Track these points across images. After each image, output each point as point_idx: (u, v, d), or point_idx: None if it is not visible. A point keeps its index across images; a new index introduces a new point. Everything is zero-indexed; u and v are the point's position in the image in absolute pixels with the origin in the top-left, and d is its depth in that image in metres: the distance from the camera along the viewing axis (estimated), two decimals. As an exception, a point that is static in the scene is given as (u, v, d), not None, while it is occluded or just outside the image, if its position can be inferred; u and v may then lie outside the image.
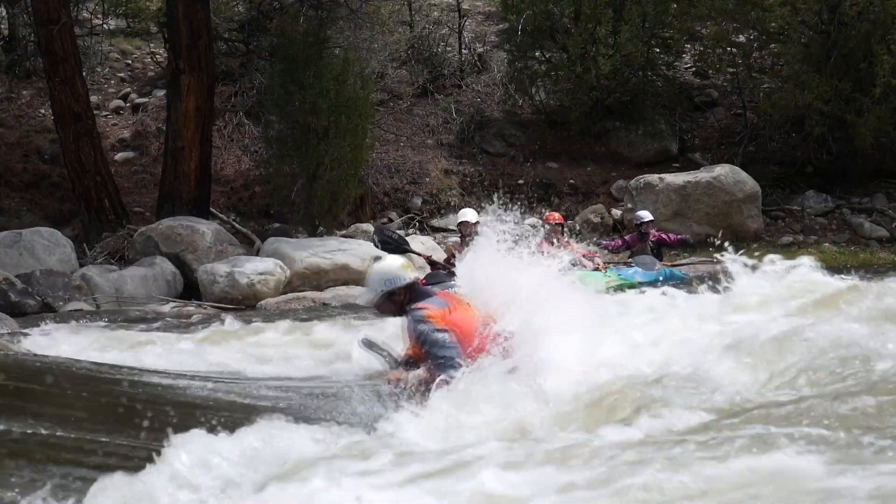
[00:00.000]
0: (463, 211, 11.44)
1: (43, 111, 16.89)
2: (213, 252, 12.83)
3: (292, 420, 4.16)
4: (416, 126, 18.77)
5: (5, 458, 3.55)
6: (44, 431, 3.91)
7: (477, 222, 10.96)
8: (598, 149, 18.57)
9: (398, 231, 15.99)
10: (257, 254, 13.45)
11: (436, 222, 16.67)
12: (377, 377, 5.71)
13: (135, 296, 11.74)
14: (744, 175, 15.98)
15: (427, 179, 17.23)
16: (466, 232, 10.89)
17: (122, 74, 19.28)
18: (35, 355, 6.78)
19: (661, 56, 19.03)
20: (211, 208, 14.78)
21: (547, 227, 11.19)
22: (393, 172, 17.01)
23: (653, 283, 9.95)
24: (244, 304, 11.85)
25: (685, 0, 18.05)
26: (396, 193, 16.99)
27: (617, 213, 16.62)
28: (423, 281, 9.74)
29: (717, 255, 6.88)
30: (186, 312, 11.27)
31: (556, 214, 12.03)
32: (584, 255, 11.44)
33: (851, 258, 14.95)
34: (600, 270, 11.35)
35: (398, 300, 5.36)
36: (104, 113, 17.82)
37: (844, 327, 4.50)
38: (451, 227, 16.46)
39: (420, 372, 4.97)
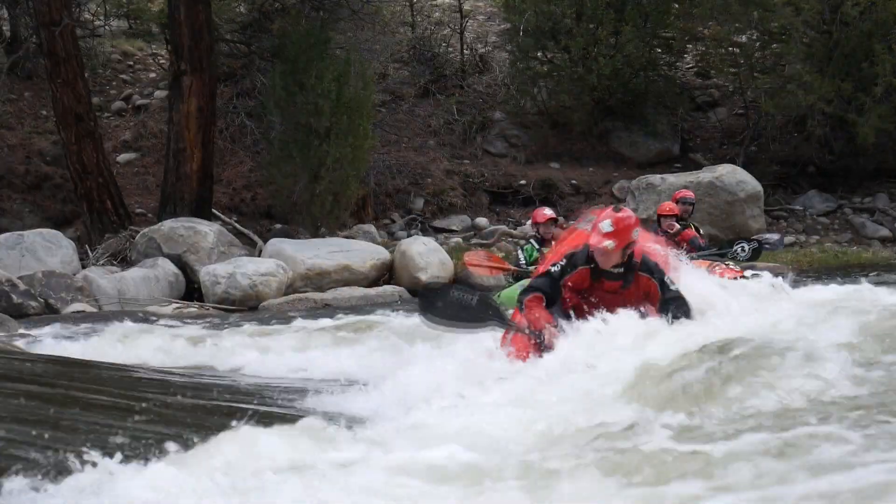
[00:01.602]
0: (543, 210, 10.15)
1: (45, 112, 16.90)
2: (215, 253, 12.84)
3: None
4: (417, 127, 18.77)
5: None
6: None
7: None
8: (599, 149, 18.57)
9: (402, 230, 16.02)
10: (259, 255, 13.46)
11: (438, 223, 16.67)
12: None
13: (137, 297, 11.75)
14: (746, 175, 15.96)
15: (429, 180, 17.23)
16: (549, 234, 9.84)
17: (124, 76, 19.30)
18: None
19: (663, 56, 19.04)
20: (213, 209, 14.79)
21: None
22: (395, 173, 17.01)
23: None
24: (246, 305, 11.86)
25: (687, 0, 18.07)
26: (398, 194, 16.99)
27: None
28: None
29: None
30: (188, 313, 11.28)
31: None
32: None
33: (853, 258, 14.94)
34: None
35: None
36: (106, 114, 17.83)
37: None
38: (454, 228, 16.47)
39: None
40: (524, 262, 9.03)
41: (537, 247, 9.16)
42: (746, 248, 9.76)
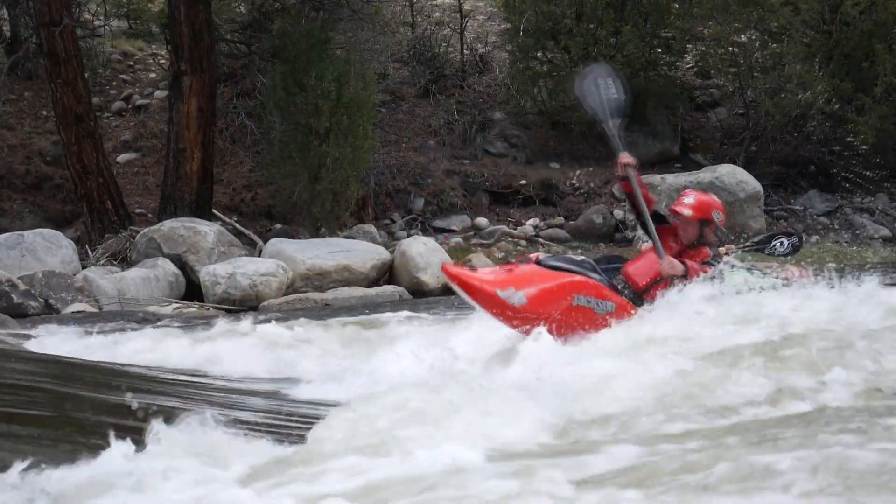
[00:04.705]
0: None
1: (45, 112, 16.90)
2: (216, 253, 12.83)
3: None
4: (417, 127, 18.77)
5: None
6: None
7: None
8: (600, 149, 18.52)
9: (403, 231, 16.03)
10: (259, 255, 13.46)
11: (438, 223, 16.67)
12: None
13: (137, 297, 11.74)
14: (746, 175, 15.97)
15: (429, 180, 17.23)
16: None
17: (124, 76, 19.30)
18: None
19: (663, 56, 19.03)
20: (213, 209, 14.79)
21: None
22: (395, 173, 17.01)
23: None
24: (246, 305, 11.86)
25: (687, 0, 18.08)
26: (398, 194, 16.99)
27: (619, 213, 16.62)
28: None
29: None
30: (188, 313, 11.27)
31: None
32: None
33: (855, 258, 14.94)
34: None
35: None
36: (106, 114, 17.83)
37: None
38: (454, 228, 16.46)
39: None
40: None
41: None
42: (786, 242, 9.36)
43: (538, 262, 5.86)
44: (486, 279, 5.60)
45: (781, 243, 9.50)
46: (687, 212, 6.10)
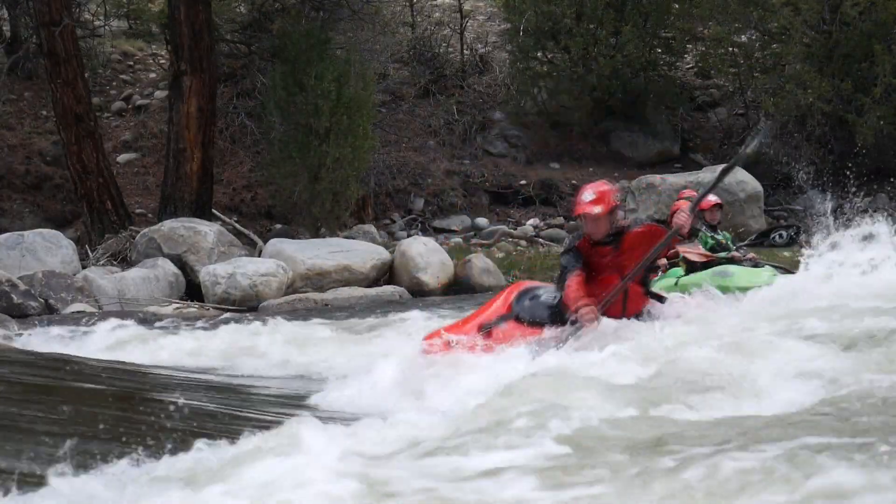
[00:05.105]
0: (708, 196, 9.85)
1: (45, 112, 16.91)
2: (216, 253, 12.82)
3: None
4: (417, 127, 18.78)
5: None
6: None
7: None
8: (600, 149, 18.58)
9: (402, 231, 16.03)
10: (259, 255, 13.46)
11: (438, 223, 16.68)
12: None
13: (137, 297, 11.74)
14: (746, 175, 15.97)
15: (429, 180, 17.24)
16: (715, 219, 9.62)
17: (124, 76, 19.31)
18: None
19: (663, 56, 19.05)
20: (213, 209, 14.79)
21: None
22: (395, 173, 17.02)
23: None
24: (246, 305, 11.86)
25: (687, 0, 18.10)
26: (398, 194, 17.00)
27: (619, 213, 16.58)
28: None
29: None
30: (188, 314, 11.26)
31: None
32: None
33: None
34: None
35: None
36: (106, 114, 17.84)
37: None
38: (454, 228, 16.47)
39: None
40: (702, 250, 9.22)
41: (710, 233, 9.33)
42: (784, 234, 9.54)
43: (517, 318, 5.84)
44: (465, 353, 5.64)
45: (780, 235, 9.69)
46: (596, 209, 6.04)
